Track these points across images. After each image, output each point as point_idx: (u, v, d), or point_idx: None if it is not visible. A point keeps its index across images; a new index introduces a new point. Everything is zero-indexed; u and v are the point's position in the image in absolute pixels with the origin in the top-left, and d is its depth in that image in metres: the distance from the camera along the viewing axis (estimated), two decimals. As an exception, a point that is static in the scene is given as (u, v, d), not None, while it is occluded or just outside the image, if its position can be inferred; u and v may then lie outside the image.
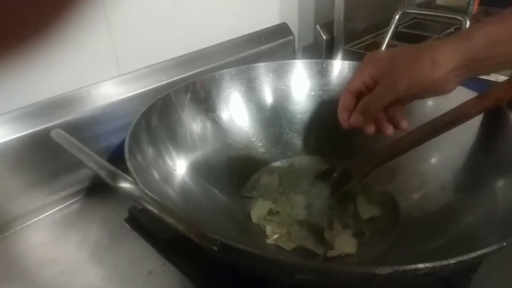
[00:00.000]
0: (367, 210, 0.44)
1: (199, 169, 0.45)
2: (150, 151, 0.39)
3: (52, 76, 0.47)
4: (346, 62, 0.56)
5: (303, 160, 0.54)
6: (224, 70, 0.53)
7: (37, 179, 0.47)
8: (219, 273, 0.38)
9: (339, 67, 0.56)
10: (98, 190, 0.52)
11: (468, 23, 0.52)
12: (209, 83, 0.52)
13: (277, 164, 0.53)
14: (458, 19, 0.65)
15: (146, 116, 0.42)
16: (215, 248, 0.25)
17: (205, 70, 0.58)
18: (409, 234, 0.41)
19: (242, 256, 0.26)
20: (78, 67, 0.49)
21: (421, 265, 0.24)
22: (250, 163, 0.52)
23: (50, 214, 0.49)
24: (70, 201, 0.51)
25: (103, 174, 0.20)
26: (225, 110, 0.52)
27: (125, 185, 0.20)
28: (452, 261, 0.24)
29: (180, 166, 0.43)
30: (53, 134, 0.29)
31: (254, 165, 0.52)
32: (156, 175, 0.37)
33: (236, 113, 0.53)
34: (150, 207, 0.22)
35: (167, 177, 0.40)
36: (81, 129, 0.49)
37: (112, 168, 0.20)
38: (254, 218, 0.43)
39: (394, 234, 0.41)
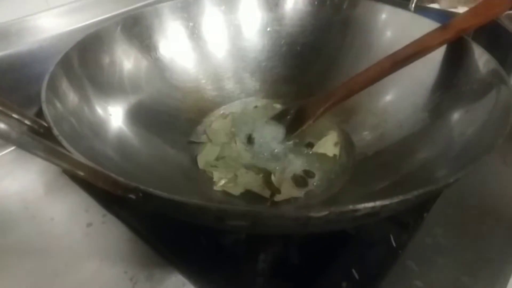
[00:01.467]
0: (321, 149, 0.42)
1: (139, 117, 0.41)
2: (74, 98, 0.34)
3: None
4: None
5: (258, 102, 0.50)
6: (167, 2, 0.47)
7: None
8: (162, 222, 0.35)
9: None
10: (35, 139, 0.47)
11: None
12: (150, 17, 0.46)
13: (230, 107, 0.49)
14: None
15: (69, 56, 0.36)
16: (132, 196, 0.22)
17: (147, 4, 0.52)
18: (363, 175, 0.39)
19: (165, 205, 0.23)
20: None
21: (359, 206, 0.21)
22: (200, 107, 0.48)
23: (-21, 166, 0.44)
24: (4, 151, 0.46)
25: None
26: (170, 48, 0.47)
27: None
28: (394, 200, 0.22)
29: (115, 114, 0.39)
30: None
31: (204, 109, 0.48)
32: (83, 125, 0.33)
33: (183, 51, 0.48)
34: (36, 152, 0.18)
35: (98, 127, 0.35)
36: (3, 71, 0.43)
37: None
38: (201, 164, 0.40)
39: (348, 175, 0.39)
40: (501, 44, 0.51)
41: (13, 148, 0.46)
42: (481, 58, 0.38)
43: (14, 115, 0.26)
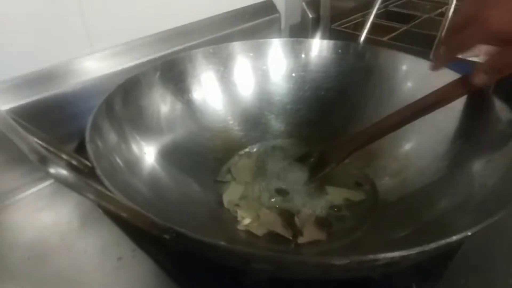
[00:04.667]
0: (342, 195, 0.43)
1: (171, 155, 0.43)
2: (114, 137, 0.37)
3: (15, 54, 0.45)
4: (331, 42, 0.54)
5: (283, 143, 0.52)
6: (200, 49, 0.51)
7: (7, 161, 0.45)
8: (190, 260, 0.37)
9: (320, 47, 0.54)
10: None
11: (454, 3, 0.50)
12: (184, 62, 0.50)
13: (255, 147, 0.51)
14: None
15: (111, 98, 0.40)
16: (167, 236, 0.24)
17: (182, 48, 0.56)
18: (385, 220, 0.40)
19: (196, 245, 0.25)
20: (45, 44, 0.47)
21: (380, 256, 0.23)
22: (227, 147, 0.50)
23: (21, 197, 0.47)
24: (43, 184, 0.49)
25: (33, 158, 0.19)
26: (201, 91, 0.50)
27: (57, 170, 0.19)
28: (413, 251, 0.23)
29: (149, 153, 0.41)
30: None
31: (231, 149, 0.50)
32: (121, 162, 0.36)
33: (213, 94, 0.51)
34: (87, 194, 0.20)
35: (133, 165, 0.38)
36: (49, 109, 0.47)
37: (44, 152, 0.19)
38: (226, 203, 0.42)
39: (370, 220, 0.40)
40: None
41: (51, 181, 0.50)
42: (501, 111, 0.39)
43: (63, 156, 0.29)
